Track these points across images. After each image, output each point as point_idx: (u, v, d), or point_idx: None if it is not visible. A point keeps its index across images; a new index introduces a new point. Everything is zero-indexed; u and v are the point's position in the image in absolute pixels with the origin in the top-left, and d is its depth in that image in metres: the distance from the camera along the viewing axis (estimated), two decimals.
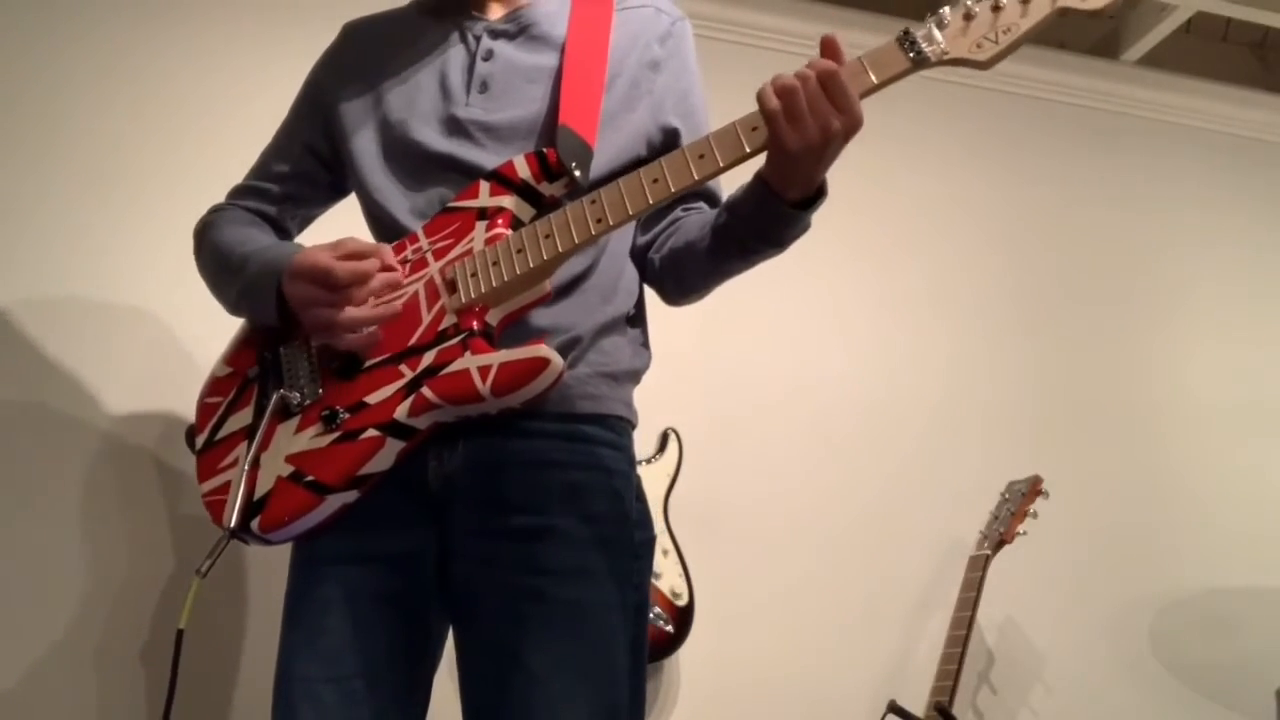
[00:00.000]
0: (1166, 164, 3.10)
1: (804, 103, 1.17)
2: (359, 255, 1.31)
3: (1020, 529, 2.35)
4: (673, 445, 2.30)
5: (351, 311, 1.30)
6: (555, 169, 1.34)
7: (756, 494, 2.46)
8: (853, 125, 1.19)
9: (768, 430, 2.52)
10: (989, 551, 2.33)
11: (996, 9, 1.19)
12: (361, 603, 1.30)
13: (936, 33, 1.20)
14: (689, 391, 2.33)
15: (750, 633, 2.37)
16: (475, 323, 1.29)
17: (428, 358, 1.29)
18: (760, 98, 1.20)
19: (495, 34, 1.46)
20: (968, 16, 1.20)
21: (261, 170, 1.58)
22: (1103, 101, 3.08)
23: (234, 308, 1.45)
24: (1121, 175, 3.05)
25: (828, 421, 2.58)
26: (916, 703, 2.22)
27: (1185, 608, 2.71)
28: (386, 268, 1.32)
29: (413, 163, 1.42)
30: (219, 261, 1.46)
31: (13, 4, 2.24)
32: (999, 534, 2.35)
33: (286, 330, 1.38)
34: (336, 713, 1.27)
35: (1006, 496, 2.43)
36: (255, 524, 1.30)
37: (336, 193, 1.58)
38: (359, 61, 1.52)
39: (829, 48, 1.21)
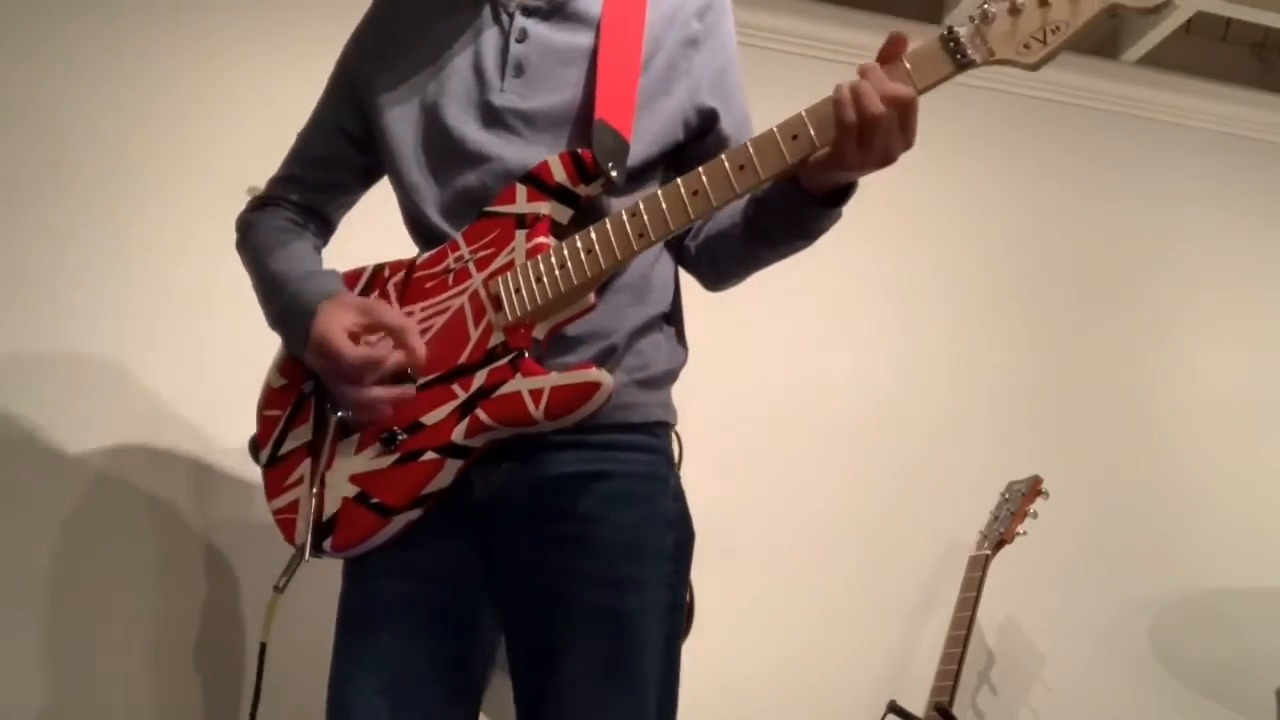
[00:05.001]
0: (1166, 164, 3.10)
1: (880, 130, 1.17)
2: (379, 330, 1.32)
3: (1020, 529, 2.35)
4: (673, 446, 2.30)
5: (360, 393, 1.31)
6: (591, 170, 1.32)
7: (757, 494, 2.46)
8: (909, 147, 1.20)
9: (768, 430, 2.52)
10: (989, 551, 2.33)
11: (1044, 4, 1.14)
12: (411, 615, 1.33)
13: (981, 32, 1.15)
14: (690, 391, 2.32)
15: (750, 633, 2.37)
16: (523, 341, 1.30)
17: (479, 378, 1.30)
18: (839, 107, 1.18)
19: (529, 12, 1.42)
20: (1014, 11, 1.14)
21: (296, 156, 1.57)
22: (1103, 101, 3.08)
23: (271, 326, 1.46)
24: (1121, 175, 3.05)
25: (828, 422, 2.58)
26: (916, 703, 2.22)
27: (1185, 608, 2.71)
28: (406, 348, 1.31)
29: (448, 152, 1.40)
30: (255, 276, 1.48)
31: (18, 6, 2.24)
32: (999, 534, 2.35)
33: None
34: None
35: (1006, 496, 2.43)
36: (327, 545, 1.35)
37: (372, 175, 1.56)
38: (389, 38, 1.49)
39: (896, 46, 1.20)
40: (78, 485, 2.05)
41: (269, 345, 1.50)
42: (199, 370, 2.14)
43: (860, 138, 1.17)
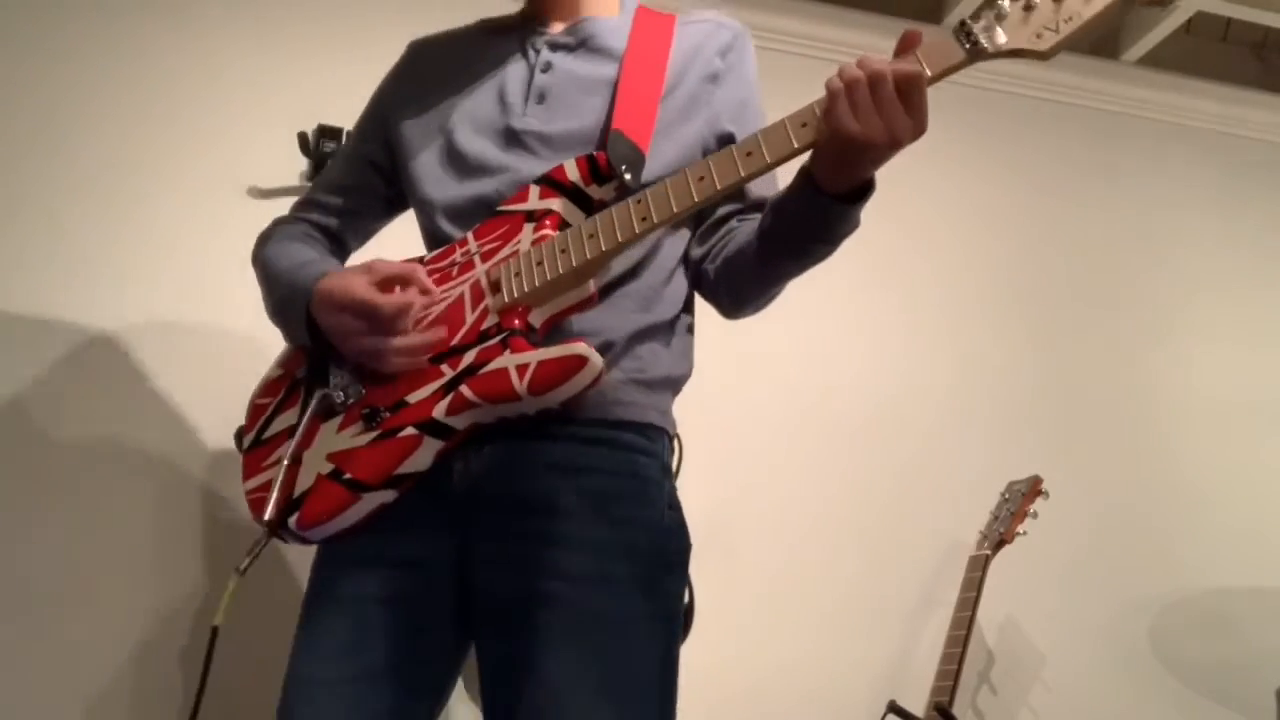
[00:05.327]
0: (1166, 164, 3.10)
1: (867, 96, 1.14)
2: (395, 280, 1.31)
3: (1020, 529, 2.35)
4: (671, 456, 2.30)
5: (401, 341, 1.30)
6: (605, 172, 1.32)
7: (756, 494, 2.46)
8: (921, 131, 1.17)
9: (767, 431, 2.52)
10: (989, 551, 2.33)
11: (1058, 0, 1.15)
12: (369, 606, 1.30)
13: (994, 24, 1.16)
14: (690, 391, 2.33)
15: (750, 633, 2.37)
16: (517, 321, 1.28)
17: (468, 357, 1.28)
18: (829, 81, 1.17)
19: (555, 46, 1.46)
20: (1028, 8, 1.16)
21: (324, 183, 1.60)
22: (1103, 101, 3.08)
23: (273, 321, 1.47)
24: (1121, 175, 3.05)
25: (828, 422, 2.58)
26: (916, 703, 2.22)
27: (1185, 608, 2.71)
28: (423, 290, 1.32)
29: (465, 169, 1.42)
30: (262, 274, 1.49)
31: (18, 6, 2.24)
32: (999, 534, 2.34)
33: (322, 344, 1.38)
34: (331, 714, 1.26)
35: (1006, 496, 2.43)
36: (293, 521, 1.30)
37: (395, 207, 1.59)
38: (423, 77, 1.53)
39: (910, 41, 1.18)
40: (74, 484, 2.05)
41: (263, 344, 1.50)
42: (195, 368, 2.14)
43: (852, 103, 1.15)
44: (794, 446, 2.54)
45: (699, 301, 1.51)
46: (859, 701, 2.36)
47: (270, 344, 1.53)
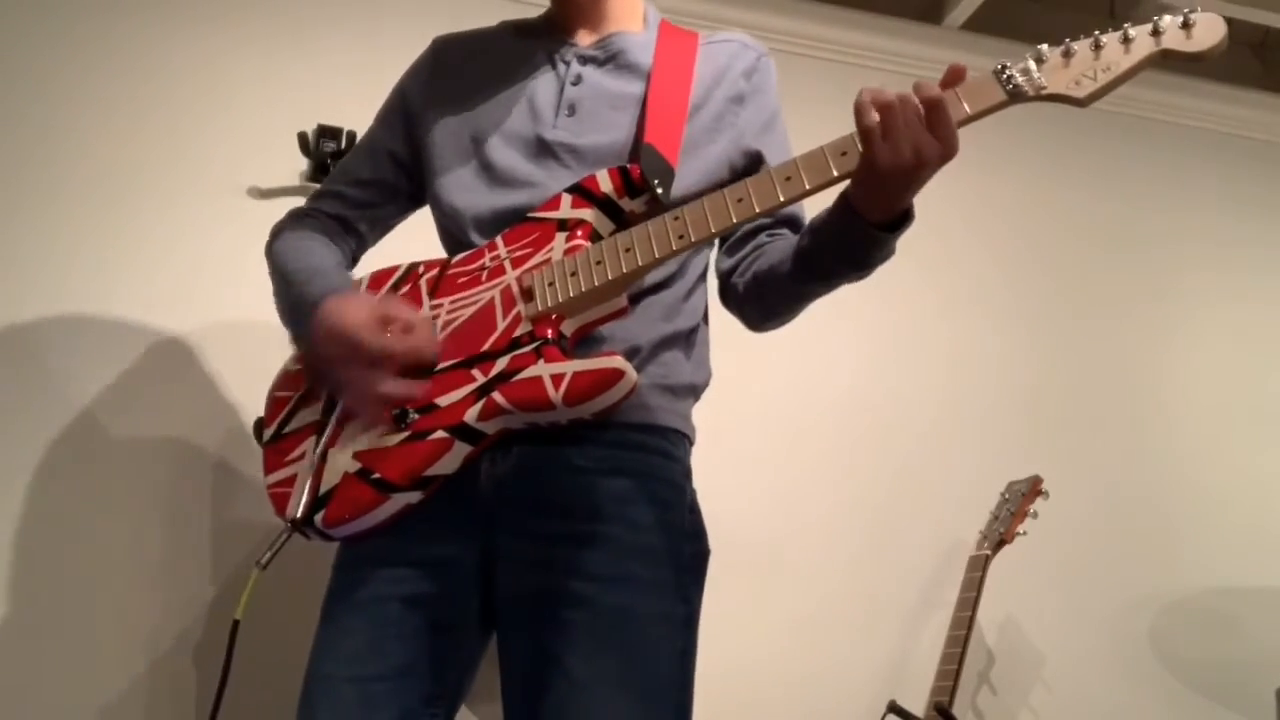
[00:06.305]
0: (1166, 164, 3.10)
1: (900, 121, 1.16)
2: (393, 323, 1.30)
3: (1020, 529, 2.35)
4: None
5: (374, 386, 1.29)
6: (638, 185, 1.34)
7: (756, 495, 2.46)
8: (948, 153, 1.18)
9: (766, 430, 2.52)
10: (989, 551, 2.33)
11: (1097, 48, 1.20)
12: (391, 606, 1.31)
13: (1034, 68, 1.20)
14: None
15: (750, 633, 2.37)
16: (550, 331, 1.29)
17: (500, 363, 1.29)
18: (857, 110, 1.19)
19: (584, 60, 1.48)
20: (1067, 54, 1.20)
21: (343, 174, 1.60)
22: (1102, 101, 3.06)
23: (281, 320, 1.47)
24: (1120, 175, 3.05)
25: (827, 422, 2.58)
26: (916, 703, 2.22)
27: (1186, 607, 2.71)
28: (412, 338, 1.31)
29: (494, 180, 1.43)
30: (275, 269, 1.49)
31: (23, 7, 2.24)
32: (999, 534, 2.34)
33: None
34: (353, 713, 1.27)
35: (1006, 496, 2.43)
36: (319, 518, 1.31)
37: (414, 202, 1.59)
38: (447, 76, 1.54)
39: (955, 75, 1.20)
40: (80, 481, 2.05)
41: (264, 341, 1.50)
42: (194, 367, 2.14)
43: (884, 132, 1.17)
44: (794, 445, 2.54)
45: (779, 328, 1.52)
46: (859, 701, 2.36)
47: (271, 342, 1.53)
